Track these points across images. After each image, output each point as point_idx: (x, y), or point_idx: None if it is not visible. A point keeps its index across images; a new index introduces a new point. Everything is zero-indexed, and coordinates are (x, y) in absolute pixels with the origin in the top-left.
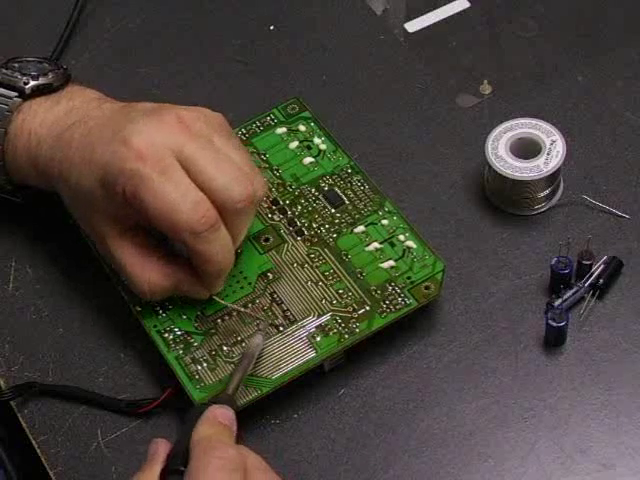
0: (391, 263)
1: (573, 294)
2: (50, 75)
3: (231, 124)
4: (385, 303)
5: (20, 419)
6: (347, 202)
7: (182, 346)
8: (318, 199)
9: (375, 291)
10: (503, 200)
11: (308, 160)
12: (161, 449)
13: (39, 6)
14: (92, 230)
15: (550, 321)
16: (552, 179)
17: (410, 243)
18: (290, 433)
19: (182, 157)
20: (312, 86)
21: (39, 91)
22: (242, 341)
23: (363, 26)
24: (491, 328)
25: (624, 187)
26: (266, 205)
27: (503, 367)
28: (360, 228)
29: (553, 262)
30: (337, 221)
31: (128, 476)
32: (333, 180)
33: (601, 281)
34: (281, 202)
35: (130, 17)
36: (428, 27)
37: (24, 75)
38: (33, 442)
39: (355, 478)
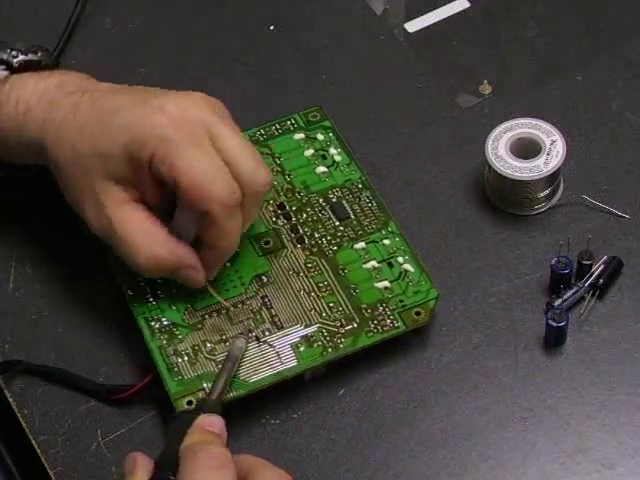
0: (386, 284)
1: (573, 294)
2: (39, 53)
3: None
4: (373, 323)
5: (20, 419)
6: (352, 217)
7: (167, 336)
8: (324, 210)
9: (366, 310)
10: (503, 200)
11: (321, 169)
12: (140, 462)
13: (39, 6)
14: (90, 200)
15: (550, 321)
16: (552, 179)
17: (408, 267)
18: (290, 433)
19: (212, 135)
20: (312, 86)
21: (27, 67)
22: (227, 340)
23: (363, 26)
24: (491, 328)
25: (624, 187)
26: (272, 209)
27: (503, 367)
28: (361, 244)
29: (553, 262)
30: (339, 234)
31: None
32: (342, 193)
33: (601, 281)
34: (287, 207)
35: (130, 17)
36: (428, 27)
37: (13, 50)
38: (33, 442)
39: (355, 478)
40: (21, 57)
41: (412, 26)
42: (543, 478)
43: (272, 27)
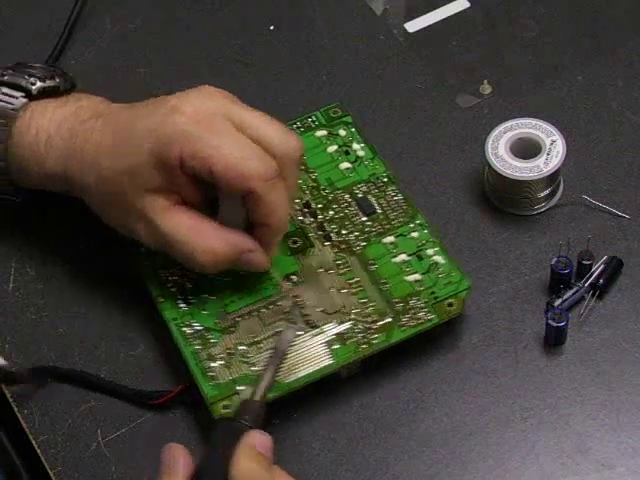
0: (417, 277)
1: (573, 294)
2: (57, 79)
3: None
4: (406, 316)
5: (20, 419)
6: (379, 211)
7: (199, 341)
8: (351, 205)
9: (398, 303)
10: (503, 200)
11: (345, 165)
12: (179, 455)
13: (39, 6)
14: (135, 218)
15: (550, 321)
16: (552, 179)
17: (438, 258)
18: (290, 433)
19: (234, 119)
20: (312, 86)
21: (46, 93)
22: (260, 342)
23: (363, 26)
24: (491, 328)
25: (624, 187)
26: (298, 207)
27: (503, 367)
28: (389, 238)
29: (553, 262)
30: (367, 229)
31: (128, 476)
32: (368, 188)
33: (601, 281)
34: (313, 205)
35: (130, 17)
36: (428, 27)
37: (31, 76)
38: (33, 442)
39: (355, 478)
40: (39, 84)
41: (412, 26)
42: (543, 478)
43: (272, 27)
